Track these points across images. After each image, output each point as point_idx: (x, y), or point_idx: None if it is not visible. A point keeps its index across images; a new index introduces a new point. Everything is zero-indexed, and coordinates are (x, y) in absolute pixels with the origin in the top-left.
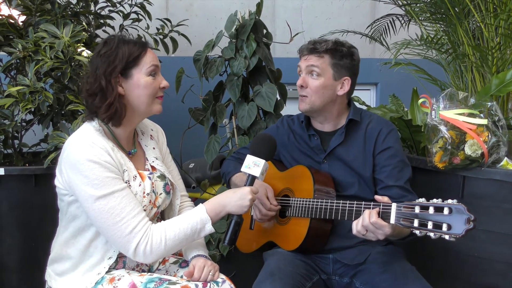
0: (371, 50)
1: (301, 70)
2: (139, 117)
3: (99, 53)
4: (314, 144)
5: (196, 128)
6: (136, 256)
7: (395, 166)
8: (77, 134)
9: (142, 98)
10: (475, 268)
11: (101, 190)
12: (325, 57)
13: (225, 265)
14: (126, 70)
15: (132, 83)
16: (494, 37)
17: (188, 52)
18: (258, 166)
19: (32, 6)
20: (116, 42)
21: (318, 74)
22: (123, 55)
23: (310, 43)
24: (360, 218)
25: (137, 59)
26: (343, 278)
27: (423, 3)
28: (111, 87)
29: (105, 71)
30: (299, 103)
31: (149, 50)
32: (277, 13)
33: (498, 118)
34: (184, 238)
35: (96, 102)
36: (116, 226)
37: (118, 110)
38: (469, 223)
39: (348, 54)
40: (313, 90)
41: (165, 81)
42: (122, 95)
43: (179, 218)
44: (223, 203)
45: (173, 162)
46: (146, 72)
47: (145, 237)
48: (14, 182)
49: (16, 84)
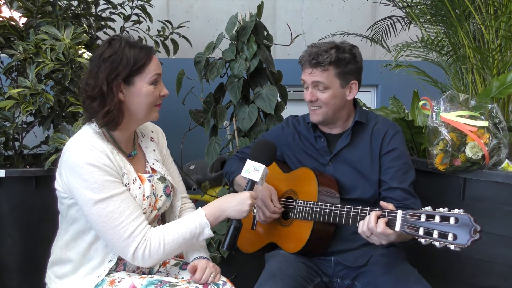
0: (372, 52)
1: (307, 83)
2: (136, 123)
3: (102, 55)
4: (320, 145)
5: (197, 130)
6: (135, 260)
7: (399, 168)
8: (77, 137)
9: (141, 106)
10: (476, 270)
11: (100, 194)
12: (329, 69)
13: (226, 267)
14: (129, 77)
15: (133, 90)
16: (494, 39)
17: (189, 54)
18: (258, 171)
19: (33, 8)
20: (121, 45)
21: (325, 87)
22: (128, 61)
23: (311, 55)
24: (366, 219)
25: (142, 67)
26: (344, 280)
27: (424, 5)
28: (112, 94)
29: (108, 76)
30: (311, 115)
31: (154, 57)
32: (278, 15)
33: (499, 120)
34: (183, 242)
35: (94, 106)
36: (115, 230)
37: (115, 117)
38: (475, 234)
39: (351, 58)
40: (324, 102)
41: (165, 89)
42: (122, 101)
43: (178, 222)
44: (222, 208)
45: (173, 164)
46: (148, 81)
47: (143, 241)
48: (14, 184)
49: (17, 86)
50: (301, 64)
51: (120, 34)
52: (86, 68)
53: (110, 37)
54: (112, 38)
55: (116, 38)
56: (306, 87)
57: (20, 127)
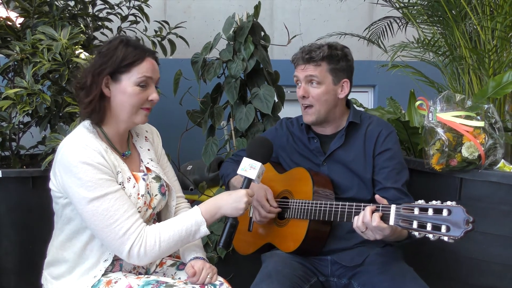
0: (369, 53)
1: (299, 80)
2: (122, 123)
3: (100, 51)
4: (314, 146)
5: (194, 130)
6: (130, 258)
7: (393, 168)
8: (71, 136)
9: (125, 105)
10: (473, 270)
11: (95, 192)
12: (322, 64)
13: (223, 268)
14: (116, 73)
15: (118, 88)
16: (490, 40)
17: (186, 54)
18: (255, 168)
19: (30, 8)
20: (117, 43)
21: (318, 83)
22: (117, 58)
23: (304, 52)
24: (361, 214)
25: (129, 66)
26: (341, 280)
27: (420, 6)
28: (95, 86)
29: (96, 69)
30: (304, 116)
31: (148, 60)
32: (275, 15)
33: (495, 120)
34: (179, 240)
35: (81, 96)
36: (110, 228)
37: (96, 109)
38: (467, 225)
39: (343, 56)
40: (316, 98)
41: (155, 94)
42: (108, 97)
43: (173, 220)
44: (218, 205)
45: (169, 164)
46: (134, 82)
47: (139, 239)
48: (11, 184)
49: (13, 86)
50: (294, 63)
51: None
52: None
53: (115, 37)
54: (114, 36)
55: (118, 37)
56: (299, 85)
57: (17, 127)
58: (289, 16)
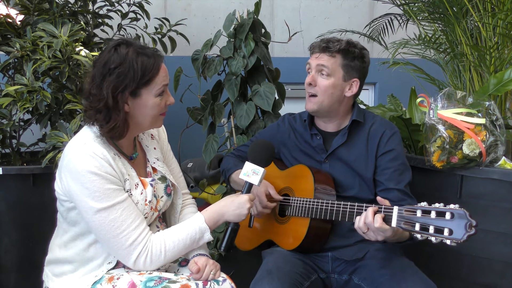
0: (370, 50)
1: (311, 68)
2: (140, 131)
3: (107, 65)
4: (316, 143)
5: (195, 128)
6: (136, 267)
7: (396, 169)
8: (78, 141)
9: (147, 117)
10: (473, 268)
11: (102, 203)
12: (337, 57)
13: (224, 264)
14: (136, 90)
15: (139, 102)
16: (492, 37)
17: (187, 51)
18: (257, 174)
19: (30, 5)
20: (128, 54)
21: (328, 74)
22: (135, 73)
23: (323, 41)
24: (363, 215)
25: (149, 80)
26: (342, 276)
27: (421, 3)
28: (118, 109)
29: (114, 90)
30: (307, 103)
31: (162, 66)
32: (276, 13)
33: (496, 117)
34: (184, 248)
35: (99, 118)
36: (117, 239)
37: (121, 131)
38: (470, 229)
39: (360, 56)
40: (322, 89)
41: (171, 98)
42: (127, 112)
43: (178, 228)
44: (221, 212)
45: (174, 159)
46: (155, 94)
47: (145, 249)
48: (12, 182)
49: (14, 83)
50: (310, 51)
51: (128, 38)
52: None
53: (116, 42)
54: (118, 43)
55: (122, 44)
56: (310, 73)
57: (17, 124)
58: (289, 13)
